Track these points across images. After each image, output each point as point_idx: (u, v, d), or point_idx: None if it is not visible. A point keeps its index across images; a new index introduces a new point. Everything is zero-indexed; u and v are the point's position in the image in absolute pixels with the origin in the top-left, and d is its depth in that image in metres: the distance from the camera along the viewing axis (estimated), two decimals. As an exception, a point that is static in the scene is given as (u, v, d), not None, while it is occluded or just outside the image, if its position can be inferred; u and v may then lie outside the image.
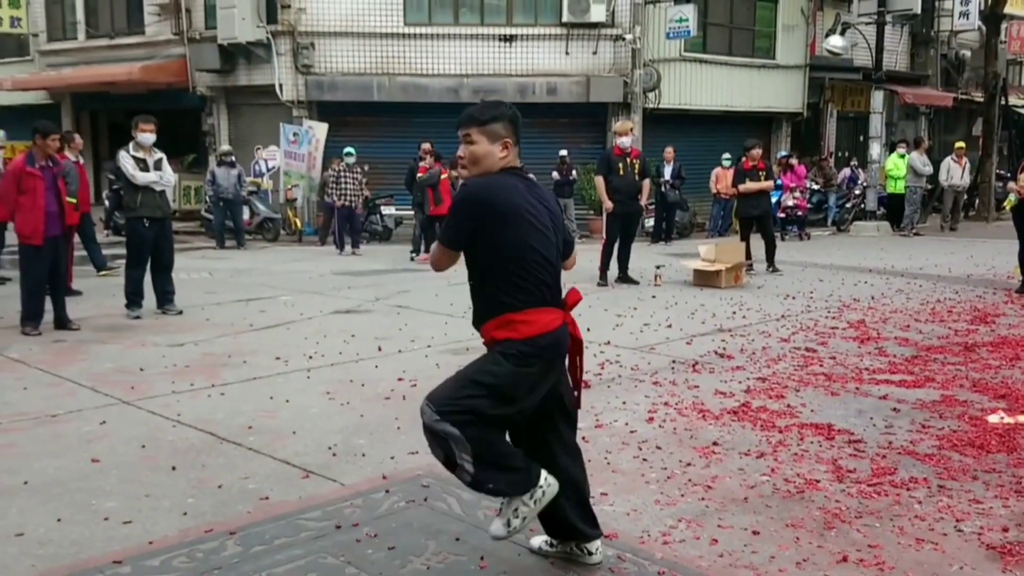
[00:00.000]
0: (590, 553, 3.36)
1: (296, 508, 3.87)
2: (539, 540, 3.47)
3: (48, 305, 7.86)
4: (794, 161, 18.22)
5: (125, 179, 8.51)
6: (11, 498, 3.98)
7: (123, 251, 9.20)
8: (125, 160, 8.45)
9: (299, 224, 17.21)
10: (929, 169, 17.83)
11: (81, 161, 10.84)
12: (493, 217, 3.03)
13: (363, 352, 7.01)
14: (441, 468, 4.09)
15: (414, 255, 13.70)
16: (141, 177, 8.40)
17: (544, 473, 3.19)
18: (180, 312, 8.74)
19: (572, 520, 3.31)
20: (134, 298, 8.60)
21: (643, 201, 11.21)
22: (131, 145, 8.56)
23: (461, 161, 3.19)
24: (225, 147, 16.70)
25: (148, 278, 8.72)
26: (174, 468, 4.38)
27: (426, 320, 8.43)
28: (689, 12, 17.23)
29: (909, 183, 17.88)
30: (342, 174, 14.65)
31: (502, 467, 3.09)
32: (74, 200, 9.40)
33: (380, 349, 7.07)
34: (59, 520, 3.74)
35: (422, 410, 3.09)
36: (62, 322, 7.89)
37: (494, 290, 3.09)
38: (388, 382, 6.04)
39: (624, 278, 10.84)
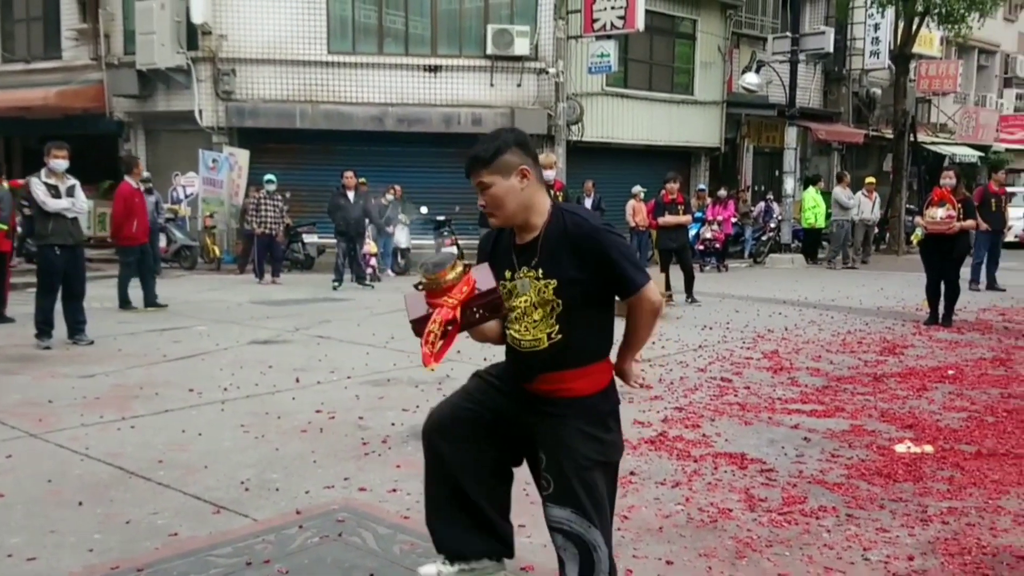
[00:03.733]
0: (501, 564, 3.14)
1: (206, 544, 3.77)
2: (432, 567, 3.07)
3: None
4: (723, 193, 18.72)
5: (36, 206, 8.26)
6: (-99, 539, 3.79)
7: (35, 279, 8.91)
8: (36, 187, 8.21)
9: (217, 252, 16.90)
10: (854, 203, 18.47)
11: (140, 188, 10.98)
12: None
13: (280, 384, 6.89)
14: (357, 502, 4.06)
15: (336, 284, 13.58)
16: (52, 204, 8.17)
17: None
18: (91, 342, 8.48)
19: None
20: (44, 327, 8.32)
21: (566, 232, 11.36)
22: (43, 171, 8.32)
23: (486, 211, 2.82)
24: (144, 174, 16.32)
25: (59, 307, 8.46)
26: (81, 503, 4.23)
27: (347, 351, 8.35)
28: (610, 48, 17.61)
29: (835, 217, 18.47)
30: (262, 201, 14.45)
31: None
32: (4, 227, 9.11)
33: (298, 380, 6.97)
34: (-46, 560, 3.57)
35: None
36: (-36, 353, 7.58)
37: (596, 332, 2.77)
38: (305, 414, 5.95)
39: (547, 308, 10.90)
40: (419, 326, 2.80)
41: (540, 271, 2.72)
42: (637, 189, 17.52)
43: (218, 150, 17.11)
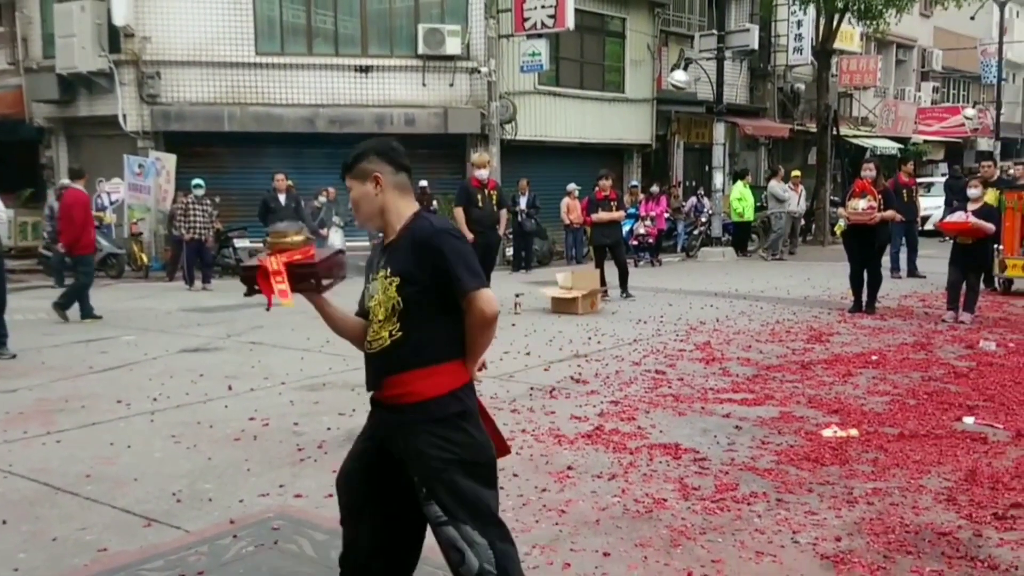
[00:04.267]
0: None
1: (137, 558, 3.69)
2: None
3: None
4: (655, 189, 18.95)
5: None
6: None
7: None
8: (-51, 195, 7.92)
9: (145, 259, 16.50)
10: (790, 195, 18.81)
11: None
12: None
13: (212, 392, 6.77)
14: (293, 509, 4.01)
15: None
16: (-33, 213, 7.90)
17: None
18: (14, 356, 8.21)
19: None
20: (-39, 342, 8.04)
21: (501, 231, 11.38)
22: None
23: (352, 210, 3.05)
24: (64, 180, 15.83)
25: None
26: (4, 522, 4.11)
27: (281, 356, 8.24)
28: (541, 46, 17.69)
29: (772, 209, 18.83)
30: (191, 206, 14.15)
31: None
32: None
33: (230, 388, 6.85)
34: None
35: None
36: None
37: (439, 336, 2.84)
38: (239, 422, 5.86)
39: (483, 307, 10.91)
40: (249, 272, 2.99)
41: (388, 270, 2.86)
42: (572, 187, 17.66)
43: (144, 155, 16.69)
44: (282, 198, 13.83)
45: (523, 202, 16.95)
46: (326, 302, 3.06)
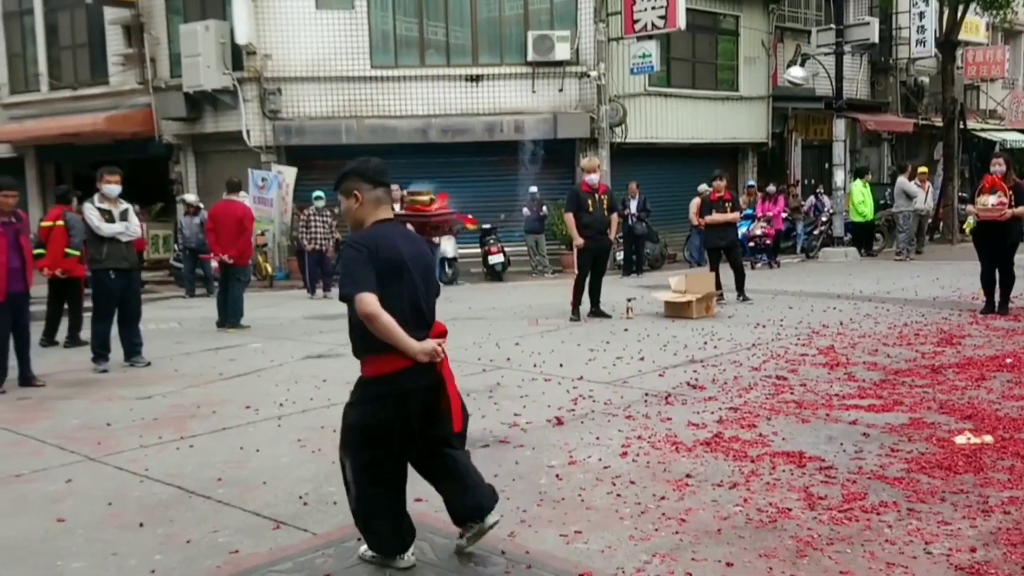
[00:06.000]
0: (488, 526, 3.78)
1: (266, 560, 3.81)
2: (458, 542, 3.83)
3: (12, 362, 7.72)
4: (771, 189, 18.47)
5: (91, 231, 8.45)
6: (-28, 563, 3.89)
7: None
8: (90, 212, 8.40)
9: (270, 270, 17.14)
10: (920, 192, 18.04)
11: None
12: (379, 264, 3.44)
13: (335, 397, 6.94)
14: (413, 513, 4.06)
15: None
16: (107, 229, 8.34)
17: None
18: (148, 364, 8.63)
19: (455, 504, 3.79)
20: (101, 351, 8.50)
21: (612, 235, 11.30)
22: (96, 197, 8.51)
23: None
24: (189, 196, 16.62)
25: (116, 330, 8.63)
26: (142, 524, 4.30)
27: (398, 362, 8.38)
28: (652, 48, 17.51)
29: (899, 207, 18.06)
30: (312, 218, 14.64)
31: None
32: (77, 253, 9.28)
33: (351, 393, 7.01)
34: (22, 583, 3.66)
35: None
36: (27, 379, 7.75)
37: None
38: (360, 427, 5.98)
39: (596, 312, 10.87)
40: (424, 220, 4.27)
41: None
42: (703, 187, 17.34)
43: (266, 169, 17.35)
44: (397, 208, 14.08)
45: (633, 205, 16.77)
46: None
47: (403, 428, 3.50)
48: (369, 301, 3.34)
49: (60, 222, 9.74)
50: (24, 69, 21.23)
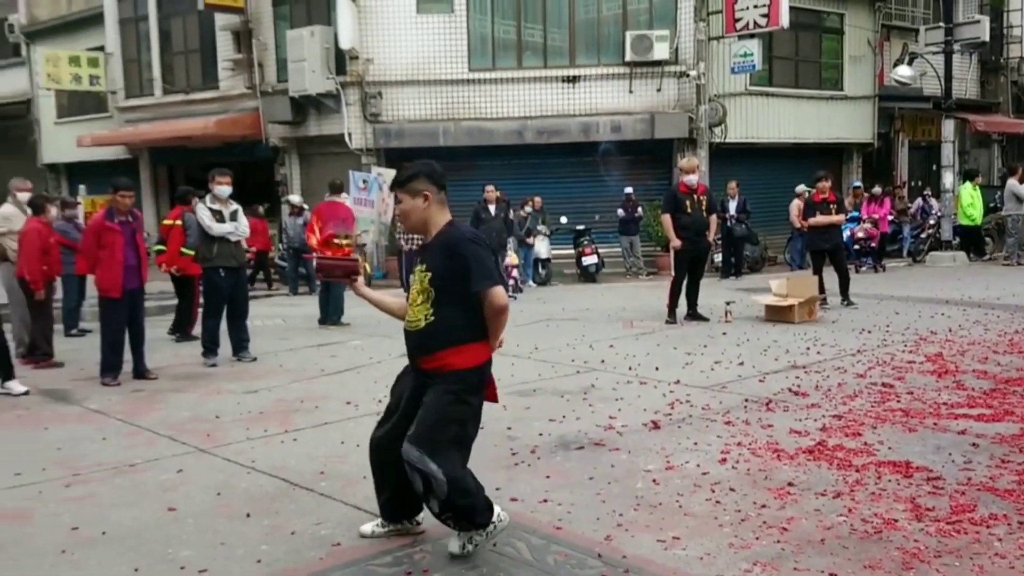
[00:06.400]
0: (418, 523, 4.03)
1: (367, 554, 3.89)
2: (369, 526, 4.06)
3: (127, 355, 8.10)
4: (877, 190, 17.87)
5: (201, 230, 8.77)
6: (90, 548, 4.08)
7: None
8: (202, 212, 8.73)
9: (368, 269, 17.47)
10: None
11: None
12: None
13: (432, 395, 7.03)
14: (509, 512, 4.09)
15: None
16: (217, 228, 8.66)
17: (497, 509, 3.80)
18: (255, 359, 8.92)
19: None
20: (210, 346, 8.82)
21: (711, 237, 11.11)
22: (208, 197, 8.85)
23: (399, 218, 3.93)
24: (294, 197, 17.13)
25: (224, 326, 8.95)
26: (248, 515, 4.45)
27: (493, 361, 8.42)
28: (754, 47, 17.17)
29: (1010, 211, 17.22)
30: (409, 218, 14.84)
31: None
32: (192, 252, 9.69)
33: (448, 392, 7.09)
34: (136, 570, 3.82)
35: (406, 451, 3.63)
36: (140, 372, 8.12)
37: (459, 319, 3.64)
38: (457, 425, 6.05)
39: (693, 315, 10.71)
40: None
41: (424, 265, 3.74)
42: (800, 188, 16.95)
43: (367, 171, 17.69)
44: (492, 209, 14.21)
45: (733, 206, 16.45)
46: (363, 292, 4.09)
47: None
48: (505, 294, 3.62)
49: (179, 222, 10.15)
50: (139, 74, 22.23)
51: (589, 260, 16.57)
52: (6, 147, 26.25)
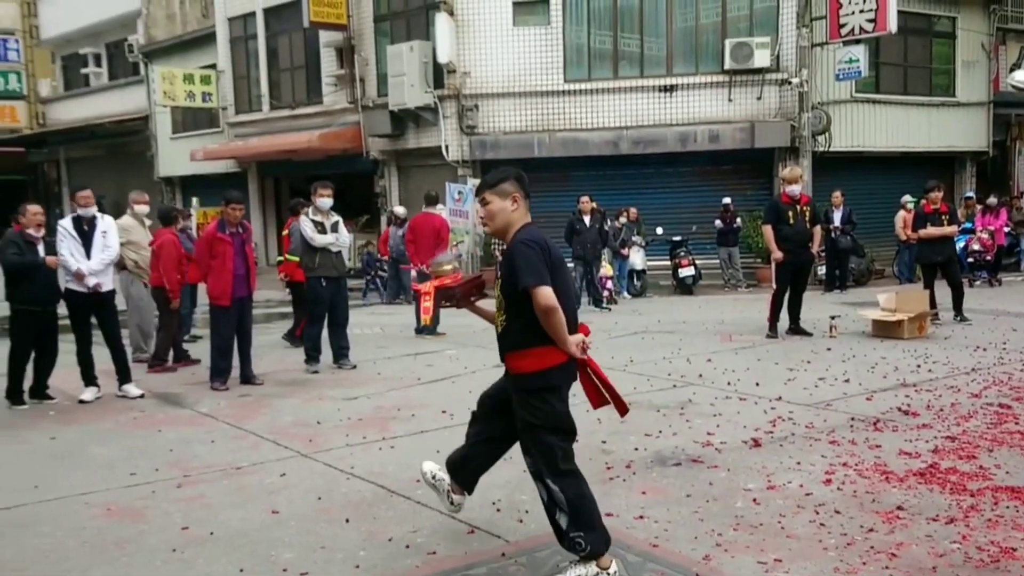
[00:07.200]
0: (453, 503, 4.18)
1: (462, 564, 3.91)
2: (431, 465, 4.33)
3: (235, 361, 8.37)
4: (993, 201, 17.12)
5: (304, 241, 9.01)
6: (198, 548, 4.22)
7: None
8: (305, 224, 8.97)
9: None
10: None
11: None
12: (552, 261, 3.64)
13: (527, 407, 7.03)
14: (608, 530, 4.04)
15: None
16: (319, 239, 8.89)
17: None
18: (354, 366, 9.10)
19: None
20: (312, 353, 9.04)
21: (814, 249, 10.79)
22: (310, 209, 9.08)
23: (483, 220, 3.88)
24: (398, 208, 17.47)
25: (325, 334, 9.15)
26: (348, 520, 4.53)
27: (589, 374, 8.37)
28: (859, 52, 16.68)
29: None
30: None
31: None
32: (296, 258, 9.96)
33: (544, 404, 7.07)
34: (241, 571, 3.93)
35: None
36: (247, 377, 8.39)
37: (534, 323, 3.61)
38: (552, 437, 6.02)
39: (796, 329, 10.43)
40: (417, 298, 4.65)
41: (500, 272, 3.85)
42: (906, 198, 16.38)
43: (463, 182, 17.91)
44: (587, 220, 14.16)
45: (838, 217, 15.96)
46: (476, 308, 4.14)
47: (570, 417, 3.77)
48: (550, 294, 3.52)
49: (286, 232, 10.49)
50: (248, 90, 23.08)
51: (686, 271, 16.33)
52: (126, 161, 27.63)
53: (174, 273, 9.10)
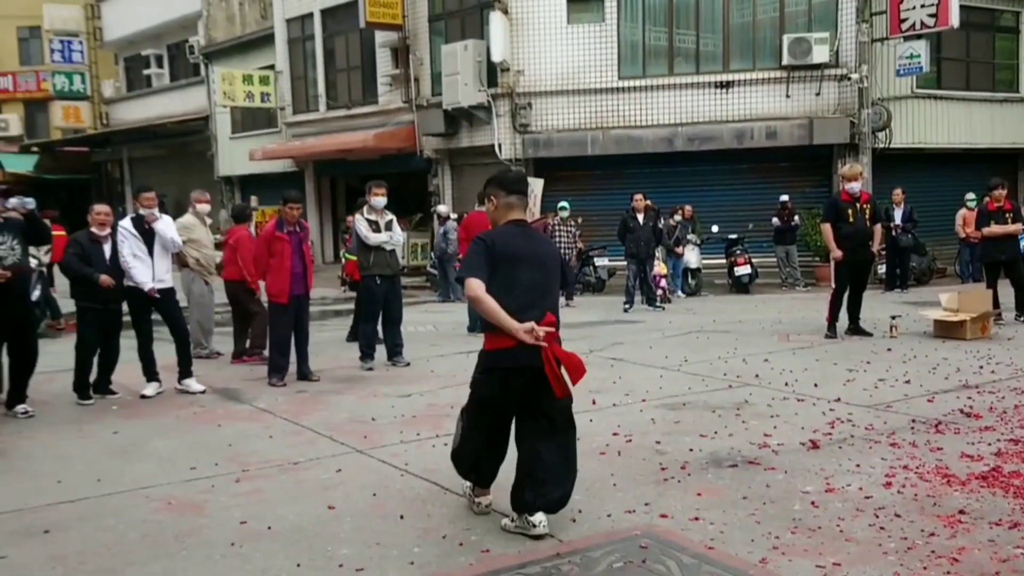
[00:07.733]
0: (533, 525, 4.14)
1: (515, 562, 3.92)
2: (505, 520, 4.32)
3: (292, 357, 8.50)
4: None
5: (359, 240, 9.12)
6: (256, 542, 4.29)
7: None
8: (359, 223, 9.07)
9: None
10: None
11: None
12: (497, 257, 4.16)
13: (578, 405, 6.88)
14: (659, 528, 4.03)
15: (627, 306, 13.66)
16: (373, 238, 8.97)
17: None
18: (408, 364, 9.17)
19: (516, 490, 4.25)
20: (367, 351, 9.14)
21: (874, 248, 10.58)
22: (365, 208, 9.18)
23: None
24: (441, 207, 17.60)
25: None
26: (402, 517, 4.57)
27: (640, 373, 8.35)
28: (921, 48, 16.30)
29: None
30: (556, 227, 14.95)
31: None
32: (353, 257, 10.07)
33: (594, 402, 7.06)
34: (298, 566, 3.98)
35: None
36: (304, 374, 8.51)
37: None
38: (603, 436, 6.02)
39: (855, 329, 10.24)
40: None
41: None
42: (969, 196, 15.98)
43: (516, 180, 17.92)
44: (640, 218, 14.08)
45: (898, 215, 15.61)
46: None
47: (503, 400, 4.27)
48: (473, 285, 4.08)
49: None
50: (306, 91, 23.39)
51: (742, 270, 16.12)
52: (187, 161, 28.24)
53: (251, 266, 9.33)
